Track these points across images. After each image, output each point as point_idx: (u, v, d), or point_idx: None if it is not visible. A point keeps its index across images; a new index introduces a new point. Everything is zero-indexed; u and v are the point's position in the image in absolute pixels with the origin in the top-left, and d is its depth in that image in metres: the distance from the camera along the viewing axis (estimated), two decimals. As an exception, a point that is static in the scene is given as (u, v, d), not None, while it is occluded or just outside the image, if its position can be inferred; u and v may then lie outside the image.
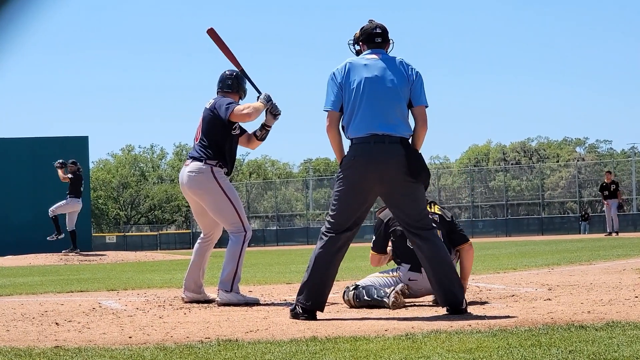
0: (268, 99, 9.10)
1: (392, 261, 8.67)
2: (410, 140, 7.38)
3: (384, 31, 7.58)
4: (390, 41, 7.63)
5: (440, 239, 7.53)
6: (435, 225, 7.79)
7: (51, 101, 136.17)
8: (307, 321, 7.01)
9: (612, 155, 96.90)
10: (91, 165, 71.87)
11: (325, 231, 7.36)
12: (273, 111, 9.18)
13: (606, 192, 34.97)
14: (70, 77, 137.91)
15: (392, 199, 7.41)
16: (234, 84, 9.29)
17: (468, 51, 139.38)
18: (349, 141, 7.42)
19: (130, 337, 6.27)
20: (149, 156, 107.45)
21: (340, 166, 7.37)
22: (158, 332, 6.55)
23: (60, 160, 24.56)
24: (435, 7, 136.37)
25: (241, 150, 9.72)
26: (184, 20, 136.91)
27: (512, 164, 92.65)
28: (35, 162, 35.43)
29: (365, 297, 8.01)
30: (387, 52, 7.57)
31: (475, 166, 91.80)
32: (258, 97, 9.13)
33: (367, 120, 7.26)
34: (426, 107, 7.41)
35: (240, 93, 9.32)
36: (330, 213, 7.38)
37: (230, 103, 9.01)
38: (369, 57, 7.47)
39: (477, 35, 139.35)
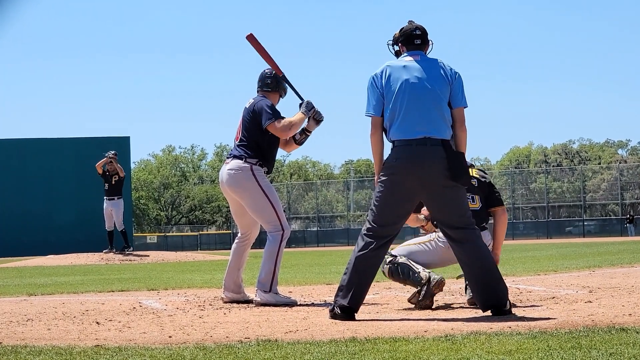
0: (310, 107, 9.08)
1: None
2: (452, 143, 7.32)
3: (424, 32, 7.52)
4: (430, 42, 7.57)
5: (480, 238, 7.37)
6: (477, 188, 8.22)
7: (94, 102, 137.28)
8: (347, 322, 6.99)
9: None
10: (132, 166, 72.26)
11: (364, 233, 7.33)
12: (316, 117, 9.17)
13: None
14: (112, 78, 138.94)
15: (434, 203, 7.35)
16: (273, 83, 9.27)
17: (511, 53, 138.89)
18: (389, 145, 7.38)
19: (170, 337, 6.30)
20: (189, 157, 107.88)
21: (382, 168, 7.31)
22: (198, 332, 6.57)
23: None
24: (476, 9, 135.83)
25: (282, 151, 9.67)
26: (225, 22, 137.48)
27: (553, 166, 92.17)
28: (78, 162, 35.73)
29: (401, 277, 8.20)
30: (426, 53, 7.51)
31: (516, 168, 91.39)
32: (300, 104, 9.13)
33: (409, 122, 7.20)
34: (465, 107, 7.37)
35: (280, 92, 9.30)
36: (370, 215, 7.34)
37: (272, 112, 8.98)
38: (407, 59, 7.41)
39: (519, 38, 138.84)
